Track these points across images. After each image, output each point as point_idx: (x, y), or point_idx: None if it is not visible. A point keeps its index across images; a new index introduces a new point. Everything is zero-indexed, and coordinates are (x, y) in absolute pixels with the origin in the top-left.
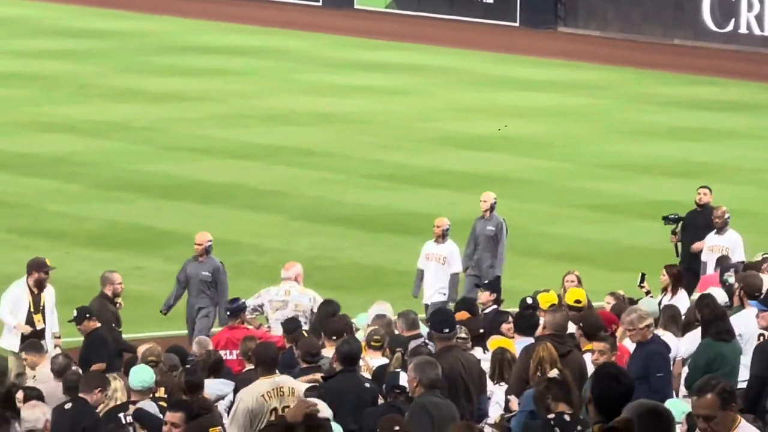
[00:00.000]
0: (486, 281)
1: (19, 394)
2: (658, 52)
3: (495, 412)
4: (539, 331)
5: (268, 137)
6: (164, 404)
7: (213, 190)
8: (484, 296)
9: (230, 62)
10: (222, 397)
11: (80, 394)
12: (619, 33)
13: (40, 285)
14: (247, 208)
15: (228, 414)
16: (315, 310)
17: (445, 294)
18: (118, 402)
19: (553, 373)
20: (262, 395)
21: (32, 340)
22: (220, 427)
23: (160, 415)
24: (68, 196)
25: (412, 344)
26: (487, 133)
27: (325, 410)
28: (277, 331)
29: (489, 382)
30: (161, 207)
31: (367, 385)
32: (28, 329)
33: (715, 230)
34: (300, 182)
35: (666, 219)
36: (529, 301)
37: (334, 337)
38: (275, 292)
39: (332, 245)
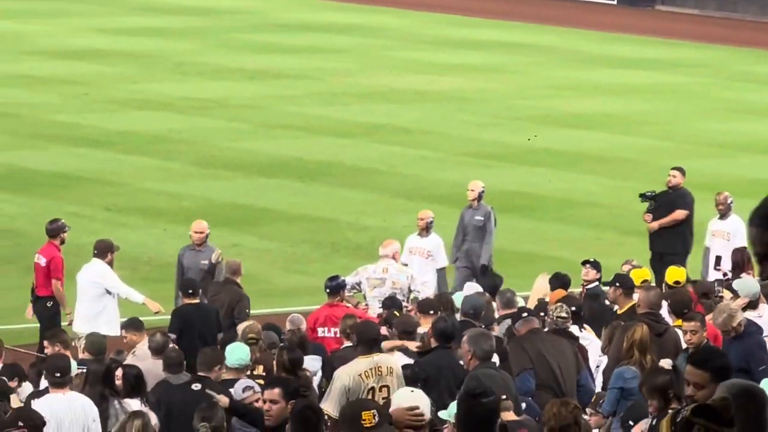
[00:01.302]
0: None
1: (118, 372)
2: (756, 30)
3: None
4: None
5: (366, 115)
6: (262, 382)
7: (310, 167)
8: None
9: (327, 40)
10: (313, 374)
11: (200, 373)
12: (717, 11)
13: (111, 265)
14: (345, 186)
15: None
16: (412, 288)
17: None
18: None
19: (666, 363)
20: (360, 374)
21: (132, 318)
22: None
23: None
24: (166, 173)
25: (506, 324)
26: (584, 111)
27: (425, 407)
28: (375, 308)
29: (597, 353)
30: (258, 185)
31: (462, 362)
32: (158, 306)
33: (718, 215)
34: (398, 160)
35: (642, 196)
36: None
37: (431, 312)
38: (373, 270)
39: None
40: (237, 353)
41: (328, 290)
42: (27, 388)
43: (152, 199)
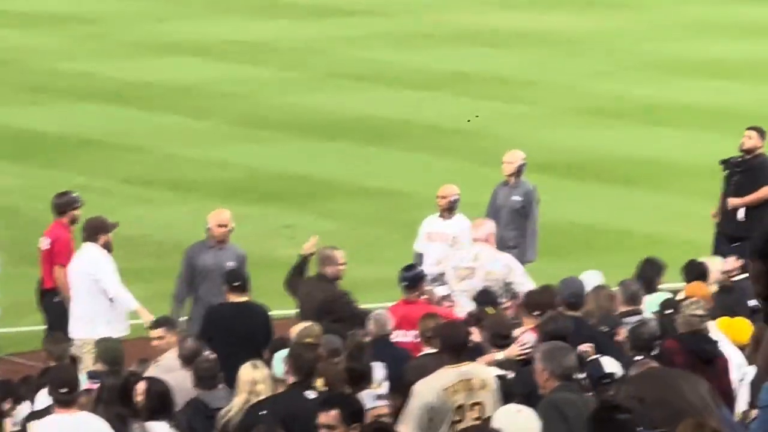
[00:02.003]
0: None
1: (139, 387)
2: None
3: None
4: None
5: (452, 61)
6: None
7: (382, 127)
8: (729, 263)
9: None
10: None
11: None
12: None
13: (109, 250)
14: (424, 151)
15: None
16: (512, 280)
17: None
18: (260, 396)
19: None
20: (446, 389)
21: (165, 316)
22: None
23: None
24: (199, 136)
25: (626, 322)
26: (728, 56)
27: (531, 423)
28: (463, 305)
29: (743, 363)
30: (316, 149)
31: (583, 376)
32: (150, 319)
33: None
34: (492, 118)
35: (724, 163)
36: None
37: (536, 313)
38: (460, 257)
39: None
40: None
41: (404, 283)
42: (24, 410)
43: (182, 169)
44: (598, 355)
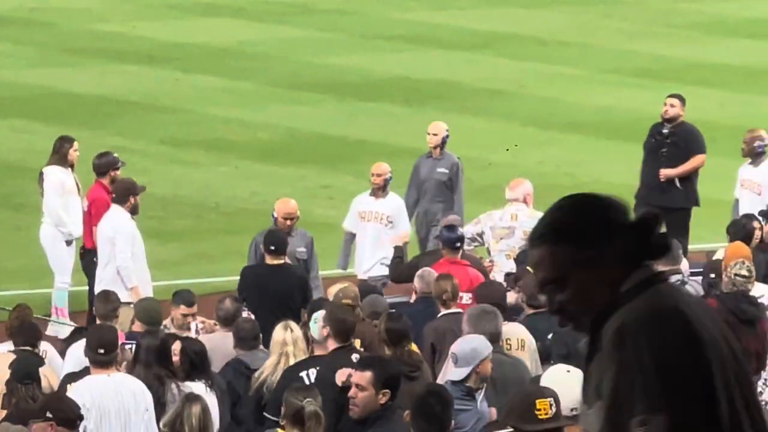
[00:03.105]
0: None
1: (176, 347)
2: None
3: None
4: None
5: (488, 22)
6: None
7: (419, 88)
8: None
9: None
10: None
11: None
12: None
13: (135, 213)
14: (462, 112)
15: None
16: None
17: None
18: (290, 358)
19: None
20: None
21: (183, 291)
22: None
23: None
24: (237, 96)
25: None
26: (766, 16)
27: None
28: (502, 264)
29: None
30: (353, 110)
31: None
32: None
33: (749, 160)
34: (530, 79)
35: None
36: None
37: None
38: (498, 217)
39: (570, 159)
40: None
41: (446, 243)
42: (51, 354)
43: (220, 129)
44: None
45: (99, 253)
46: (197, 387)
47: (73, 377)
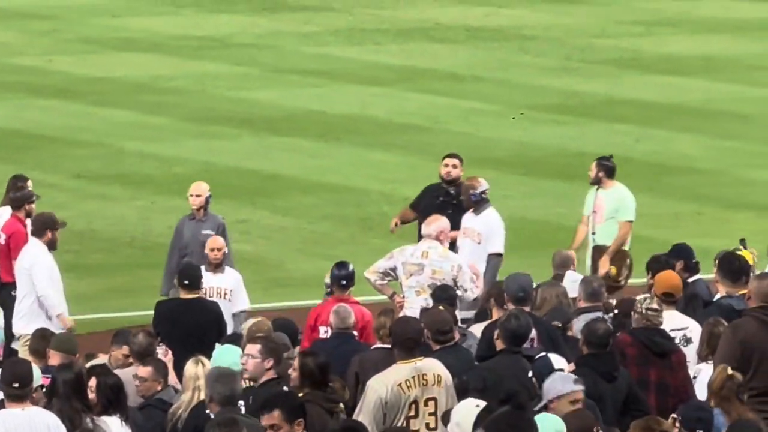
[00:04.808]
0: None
1: (92, 382)
2: None
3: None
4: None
5: (403, 57)
6: None
7: (334, 123)
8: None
9: None
10: None
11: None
12: None
13: (53, 248)
14: (377, 147)
15: None
16: (459, 283)
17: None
18: (202, 392)
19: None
20: (399, 384)
21: (124, 331)
22: None
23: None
24: (153, 131)
25: (583, 318)
26: (682, 53)
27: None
28: (412, 301)
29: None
30: (269, 145)
31: (531, 374)
32: (71, 324)
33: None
34: (444, 114)
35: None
36: None
37: (506, 306)
38: (410, 253)
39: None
40: (228, 358)
41: (333, 281)
42: None
43: (135, 164)
44: (545, 353)
45: (18, 286)
46: (112, 421)
47: None
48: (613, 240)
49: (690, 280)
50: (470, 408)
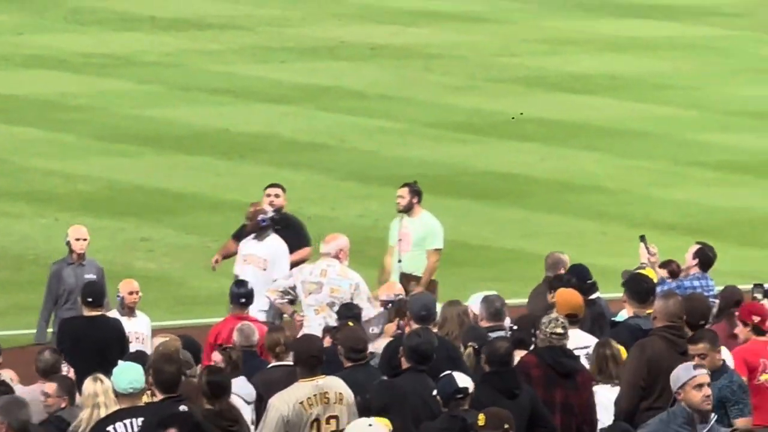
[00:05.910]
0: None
1: None
2: None
3: (604, 417)
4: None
5: (309, 75)
6: None
7: (239, 141)
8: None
9: None
10: (248, 402)
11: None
12: None
13: None
14: (282, 165)
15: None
16: (356, 301)
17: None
18: (102, 409)
19: None
20: (301, 402)
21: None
22: None
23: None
24: (58, 148)
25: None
26: (586, 72)
27: None
28: (311, 319)
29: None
30: (174, 163)
31: (435, 392)
32: None
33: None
34: (350, 133)
35: None
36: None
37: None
38: (309, 271)
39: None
40: (128, 375)
41: (232, 299)
42: None
43: (40, 181)
44: (449, 371)
45: None
46: None
47: None
48: (422, 269)
49: (590, 298)
50: (363, 427)
